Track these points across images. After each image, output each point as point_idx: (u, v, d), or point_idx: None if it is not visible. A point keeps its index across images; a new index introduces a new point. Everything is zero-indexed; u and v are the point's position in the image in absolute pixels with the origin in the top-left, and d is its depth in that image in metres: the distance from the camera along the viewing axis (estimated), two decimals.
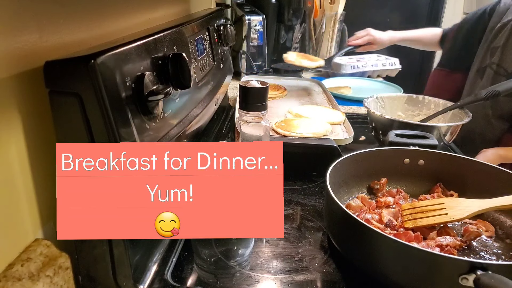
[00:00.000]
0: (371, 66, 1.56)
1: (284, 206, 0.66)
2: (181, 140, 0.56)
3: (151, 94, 0.44)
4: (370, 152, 0.66)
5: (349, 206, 0.62)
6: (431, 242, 0.53)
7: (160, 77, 0.49)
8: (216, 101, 0.83)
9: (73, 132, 0.39)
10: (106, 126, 0.38)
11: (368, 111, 0.89)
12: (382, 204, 0.63)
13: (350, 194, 0.66)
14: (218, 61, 0.85)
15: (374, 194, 0.67)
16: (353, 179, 0.66)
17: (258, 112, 0.63)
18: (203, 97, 0.70)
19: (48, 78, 0.37)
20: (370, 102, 0.93)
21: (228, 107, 1.15)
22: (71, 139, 0.39)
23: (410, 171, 0.68)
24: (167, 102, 0.51)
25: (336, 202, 0.50)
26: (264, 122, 0.65)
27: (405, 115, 0.97)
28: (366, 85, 1.41)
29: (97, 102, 0.37)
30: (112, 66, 0.39)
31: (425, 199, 0.62)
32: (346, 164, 0.62)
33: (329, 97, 1.11)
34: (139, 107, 0.43)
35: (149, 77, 0.45)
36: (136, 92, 0.43)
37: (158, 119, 0.48)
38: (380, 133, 0.85)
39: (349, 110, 1.19)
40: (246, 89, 0.62)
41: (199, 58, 0.70)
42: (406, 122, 0.81)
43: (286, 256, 0.54)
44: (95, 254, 0.44)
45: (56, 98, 0.38)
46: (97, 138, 0.39)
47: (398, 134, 0.73)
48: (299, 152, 0.74)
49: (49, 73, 0.37)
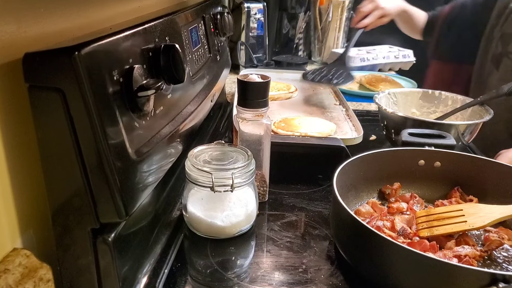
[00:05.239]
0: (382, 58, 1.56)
1: (287, 212, 0.67)
2: (174, 140, 0.56)
3: (140, 89, 0.44)
4: (381, 153, 0.66)
5: (358, 212, 0.61)
6: (449, 252, 0.53)
7: (151, 71, 0.49)
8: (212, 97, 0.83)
9: (55, 131, 0.39)
10: (92, 124, 0.38)
11: (379, 108, 0.88)
12: (394, 210, 0.63)
13: (360, 199, 0.66)
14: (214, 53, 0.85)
15: (386, 199, 0.67)
16: (362, 182, 0.66)
17: (258, 109, 0.63)
18: (198, 93, 0.70)
19: (28, 72, 0.37)
20: (381, 98, 0.93)
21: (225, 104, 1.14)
22: (52, 139, 0.39)
23: (425, 174, 0.68)
24: (158, 98, 0.51)
25: (344, 208, 0.50)
26: (265, 120, 0.65)
27: (419, 112, 0.97)
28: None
29: (81, 98, 0.37)
30: (97, 59, 0.39)
31: (441, 205, 0.62)
32: (355, 166, 0.62)
33: (337, 93, 1.11)
34: (127, 104, 0.43)
35: (139, 71, 0.45)
36: (124, 87, 0.43)
37: (148, 116, 0.48)
38: (392, 132, 0.85)
39: (358, 106, 1.19)
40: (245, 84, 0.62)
41: (194, 50, 0.70)
42: (421, 120, 0.81)
43: (289, 267, 0.54)
44: (79, 265, 0.44)
45: (36, 94, 0.38)
46: (81, 138, 0.39)
47: (412, 133, 0.73)
48: (303, 153, 0.74)
49: (29, 67, 0.37)
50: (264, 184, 0.68)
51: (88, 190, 0.41)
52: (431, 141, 0.70)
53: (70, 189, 0.41)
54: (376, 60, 1.55)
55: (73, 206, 0.42)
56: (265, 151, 0.66)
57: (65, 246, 0.44)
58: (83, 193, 0.41)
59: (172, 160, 0.57)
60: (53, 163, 0.40)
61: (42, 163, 0.40)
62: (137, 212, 0.46)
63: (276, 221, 0.64)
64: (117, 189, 0.41)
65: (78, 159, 0.39)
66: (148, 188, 0.48)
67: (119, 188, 0.41)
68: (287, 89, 1.10)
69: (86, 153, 0.39)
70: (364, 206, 0.63)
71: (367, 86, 1.32)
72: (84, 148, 0.39)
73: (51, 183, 0.41)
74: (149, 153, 0.47)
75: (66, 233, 0.43)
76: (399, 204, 0.64)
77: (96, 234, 0.43)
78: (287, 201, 0.70)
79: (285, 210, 0.67)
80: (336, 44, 1.66)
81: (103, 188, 0.40)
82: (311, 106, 1.02)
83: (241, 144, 0.64)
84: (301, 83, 1.20)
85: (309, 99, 1.09)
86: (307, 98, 1.09)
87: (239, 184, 0.56)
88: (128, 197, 0.42)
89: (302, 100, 1.07)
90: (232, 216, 0.58)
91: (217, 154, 0.60)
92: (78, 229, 0.43)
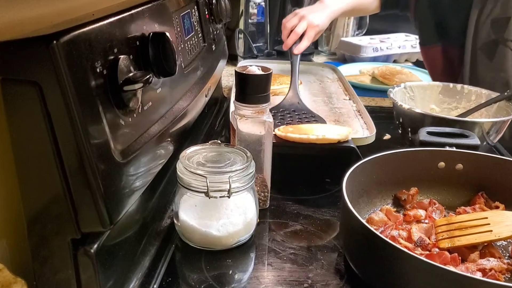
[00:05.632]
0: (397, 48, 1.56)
1: (291, 220, 0.67)
2: (164, 139, 0.56)
3: (126, 83, 0.44)
4: (397, 154, 0.66)
5: (371, 220, 0.62)
6: (472, 265, 0.53)
7: (138, 62, 0.49)
8: (207, 92, 0.83)
9: (31, 129, 0.39)
10: (72, 122, 0.38)
11: (394, 103, 0.89)
12: (411, 218, 0.63)
13: (372, 205, 0.66)
14: (209, 42, 0.85)
15: (402, 206, 0.67)
16: (375, 187, 0.66)
17: (258, 104, 0.63)
18: (191, 87, 0.70)
19: (0, 63, 0.37)
20: (396, 93, 0.93)
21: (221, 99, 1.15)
22: (28, 138, 0.39)
23: (445, 178, 0.68)
24: (146, 93, 0.51)
25: (354, 215, 0.50)
26: (266, 118, 0.65)
27: (439, 108, 0.98)
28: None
29: (60, 92, 0.37)
30: (78, 48, 0.39)
31: (464, 213, 0.62)
32: (367, 169, 0.62)
33: (346, 87, 1.12)
34: (112, 99, 0.43)
35: (125, 62, 0.45)
36: (109, 80, 0.43)
37: (135, 113, 0.48)
38: (409, 130, 0.85)
39: (371, 102, 1.19)
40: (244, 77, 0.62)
41: (186, 39, 0.70)
42: (441, 117, 0.81)
43: (293, 282, 0.54)
44: (57, 280, 0.44)
45: (9, 88, 0.38)
46: (60, 137, 0.39)
47: (431, 132, 0.73)
48: (309, 155, 0.74)
49: (2, 57, 0.37)
50: (265, 189, 0.68)
51: (68, 195, 0.41)
52: (453, 141, 0.70)
53: (48, 194, 0.41)
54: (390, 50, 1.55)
55: (51, 213, 0.42)
56: (266, 152, 0.66)
57: (42, 259, 0.44)
58: (62, 199, 0.41)
59: (162, 162, 0.57)
60: (29, 166, 0.40)
61: (17, 166, 0.40)
62: (122, 220, 0.46)
63: (279, 231, 0.64)
64: (100, 195, 0.41)
65: (57, 161, 0.39)
66: (135, 193, 0.48)
67: (103, 193, 0.41)
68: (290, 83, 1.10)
69: (66, 154, 0.39)
70: (377, 213, 0.63)
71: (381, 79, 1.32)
72: (63, 148, 0.39)
73: (26, 188, 0.41)
74: (136, 154, 0.47)
75: (43, 243, 0.43)
76: (417, 211, 0.64)
77: (76, 245, 0.43)
78: (290, 208, 0.70)
79: (289, 218, 0.67)
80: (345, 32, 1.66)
81: (84, 193, 0.40)
82: (317, 102, 1.03)
83: (240, 144, 0.64)
84: (306, 76, 1.20)
85: (315, 93, 1.09)
86: (313, 93, 1.09)
87: (237, 189, 0.56)
88: (112, 203, 0.42)
89: (308, 95, 1.07)
90: (229, 225, 0.58)
91: (213, 156, 0.60)
92: (57, 239, 0.43)
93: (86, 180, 0.40)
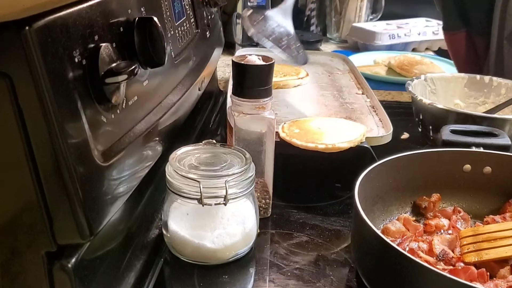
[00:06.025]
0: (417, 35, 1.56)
1: (295, 231, 0.67)
2: (151, 139, 0.56)
3: (109, 74, 0.44)
4: (416, 156, 0.66)
5: (387, 231, 0.62)
6: (502, 282, 0.53)
7: (122, 51, 0.49)
8: (201, 84, 0.83)
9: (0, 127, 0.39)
10: (46, 119, 0.38)
11: (413, 98, 0.89)
12: (432, 228, 0.63)
13: (388, 214, 0.66)
14: (203, 28, 0.85)
15: (422, 214, 0.67)
16: (392, 193, 0.66)
17: (259, 99, 0.63)
18: (182, 79, 0.70)
19: None
20: (416, 86, 0.93)
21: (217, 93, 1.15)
22: None
23: (472, 182, 0.68)
24: (131, 86, 0.51)
25: (368, 225, 0.50)
26: (267, 114, 0.65)
27: (465, 103, 0.98)
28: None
29: (33, 85, 0.37)
30: (54, 35, 0.39)
31: (493, 222, 0.62)
32: (382, 172, 0.63)
33: (359, 79, 1.12)
34: (92, 93, 0.43)
35: (107, 51, 0.45)
36: (88, 72, 0.43)
37: (118, 109, 0.48)
38: (430, 128, 0.85)
39: (387, 96, 1.19)
40: (243, 67, 0.62)
41: (177, 24, 0.70)
42: (466, 114, 0.81)
43: None
44: None
45: None
46: (33, 136, 0.39)
47: (456, 131, 0.73)
48: (316, 156, 0.74)
49: None
50: (266, 195, 0.68)
51: (42, 202, 0.41)
52: (480, 141, 0.70)
53: (19, 201, 0.41)
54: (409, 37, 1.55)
55: (23, 223, 0.42)
56: (268, 153, 0.66)
57: (12, 274, 0.44)
58: (35, 206, 0.41)
59: (150, 165, 0.57)
60: None
61: None
62: (104, 230, 0.46)
63: (282, 243, 0.64)
64: (79, 202, 0.41)
65: (30, 163, 0.39)
66: (119, 200, 0.48)
67: (82, 200, 0.41)
68: (295, 74, 1.10)
69: (40, 156, 0.39)
70: (394, 223, 0.63)
71: (398, 71, 1.32)
72: (37, 149, 0.39)
73: None
74: (120, 155, 0.47)
75: (14, 257, 0.43)
76: (439, 220, 0.64)
77: (52, 259, 0.43)
78: (295, 217, 0.70)
79: (293, 228, 0.68)
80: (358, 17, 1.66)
81: (61, 200, 0.40)
82: (326, 96, 1.03)
83: (238, 144, 0.65)
84: (313, 67, 1.20)
85: (323, 86, 1.09)
86: (321, 86, 1.09)
87: (234, 195, 0.56)
88: (93, 211, 0.42)
89: (315, 88, 1.07)
90: (226, 236, 0.58)
91: (207, 157, 0.60)
92: (30, 253, 0.43)
93: (62, 185, 0.40)
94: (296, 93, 1.03)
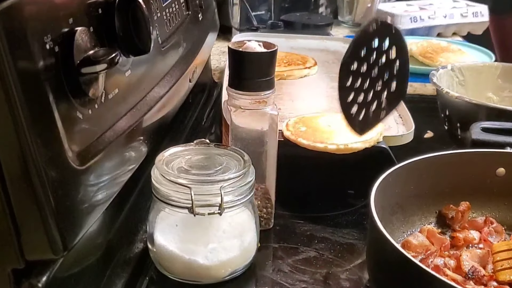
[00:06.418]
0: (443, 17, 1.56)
1: (302, 244, 0.67)
2: (135, 138, 0.56)
3: (85, 64, 0.44)
4: (441, 158, 0.66)
5: (408, 244, 0.61)
6: None
7: (101, 36, 0.49)
8: (192, 75, 0.83)
9: None
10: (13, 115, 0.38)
11: (438, 90, 0.88)
12: (461, 242, 0.63)
13: (410, 225, 0.66)
14: (194, 10, 0.85)
15: (448, 226, 0.67)
16: (413, 201, 0.66)
17: (259, 92, 0.63)
18: (170, 69, 0.70)
19: None
20: (441, 76, 0.93)
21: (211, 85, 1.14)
22: None
23: (506, 189, 0.67)
24: (112, 77, 0.51)
25: (386, 238, 0.50)
26: (269, 109, 0.65)
27: (498, 97, 0.97)
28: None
29: None
30: (22, 18, 0.39)
31: None
32: (402, 176, 0.62)
33: None
34: (66, 85, 0.43)
35: (83, 36, 0.45)
36: (62, 60, 0.43)
37: (97, 103, 0.48)
38: (458, 126, 0.85)
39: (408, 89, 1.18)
40: (241, 56, 0.62)
41: (164, 5, 0.70)
42: (500, 109, 0.81)
43: None
44: None
45: None
46: None
47: (487, 128, 0.73)
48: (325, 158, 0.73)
49: None
50: (268, 203, 0.68)
51: (8, 212, 0.41)
52: None
53: None
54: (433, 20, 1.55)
55: None
56: (270, 155, 0.66)
57: None
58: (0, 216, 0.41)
59: (133, 168, 0.57)
60: None
61: None
62: (80, 245, 0.45)
63: (286, 258, 0.64)
64: (51, 211, 0.41)
65: None
66: (97, 209, 0.48)
67: (54, 209, 0.41)
68: (302, 63, 1.10)
69: (5, 157, 0.39)
70: (416, 236, 0.63)
71: (421, 59, 1.31)
72: (2, 150, 0.39)
73: None
74: (98, 157, 0.47)
75: None
76: (468, 233, 0.64)
77: (19, 277, 0.43)
78: (302, 229, 0.70)
79: (300, 241, 0.67)
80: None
81: (29, 209, 0.40)
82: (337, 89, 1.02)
83: (235, 144, 0.64)
84: (323, 54, 1.20)
85: (334, 77, 1.08)
86: (331, 77, 1.09)
87: (231, 203, 0.56)
88: (67, 222, 0.42)
89: (324, 80, 1.07)
90: (221, 251, 0.58)
91: (199, 159, 0.60)
92: None
93: (31, 191, 0.40)
94: (303, 85, 1.03)
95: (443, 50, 1.33)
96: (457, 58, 1.29)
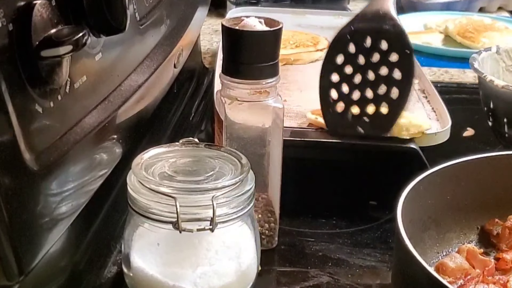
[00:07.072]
0: None
1: (312, 267, 0.67)
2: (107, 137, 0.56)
3: (46, 45, 0.44)
4: (485, 161, 0.66)
5: (444, 268, 0.62)
6: None
7: (65, 11, 0.49)
8: (177, 59, 0.83)
9: None
10: None
11: (480, 78, 0.89)
12: (508, 265, 0.63)
13: (446, 244, 0.66)
14: None
15: (493, 245, 0.67)
16: (450, 214, 0.66)
17: (260, 80, 0.63)
18: (150, 51, 0.70)
19: None
20: (484, 61, 0.93)
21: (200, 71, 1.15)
22: None
23: None
24: (79, 61, 0.51)
25: (417, 260, 0.50)
26: (272, 101, 0.65)
27: None
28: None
29: None
30: None
31: None
32: (436, 184, 0.63)
33: None
34: (22, 71, 0.43)
35: (43, 11, 0.45)
36: (17, 41, 0.43)
37: (60, 94, 0.48)
38: (505, 122, 0.85)
39: (443, 76, 1.19)
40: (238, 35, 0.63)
41: None
42: None
43: None
44: None
45: None
46: None
47: None
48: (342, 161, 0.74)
49: None
50: (271, 217, 0.68)
51: None
52: None
53: None
54: None
55: None
56: (274, 158, 0.66)
57: None
58: None
59: (104, 174, 0.57)
60: None
61: None
62: (39, 268, 0.46)
63: (293, 285, 0.65)
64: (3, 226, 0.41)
65: None
66: (61, 224, 0.48)
67: (7, 223, 0.41)
68: (312, 44, 1.10)
69: None
70: (453, 257, 0.63)
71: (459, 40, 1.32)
72: None
73: None
74: (61, 160, 0.47)
75: None
76: None
77: None
78: (312, 248, 0.70)
79: (309, 264, 0.68)
80: None
81: None
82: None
83: (230, 145, 0.65)
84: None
85: None
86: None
87: (225, 217, 0.56)
88: (23, 240, 0.42)
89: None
90: (213, 276, 0.58)
91: (186, 163, 0.61)
92: None
93: None
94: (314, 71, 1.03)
95: (486, 28, 1.34)
96: (503, 38, 1.29)
